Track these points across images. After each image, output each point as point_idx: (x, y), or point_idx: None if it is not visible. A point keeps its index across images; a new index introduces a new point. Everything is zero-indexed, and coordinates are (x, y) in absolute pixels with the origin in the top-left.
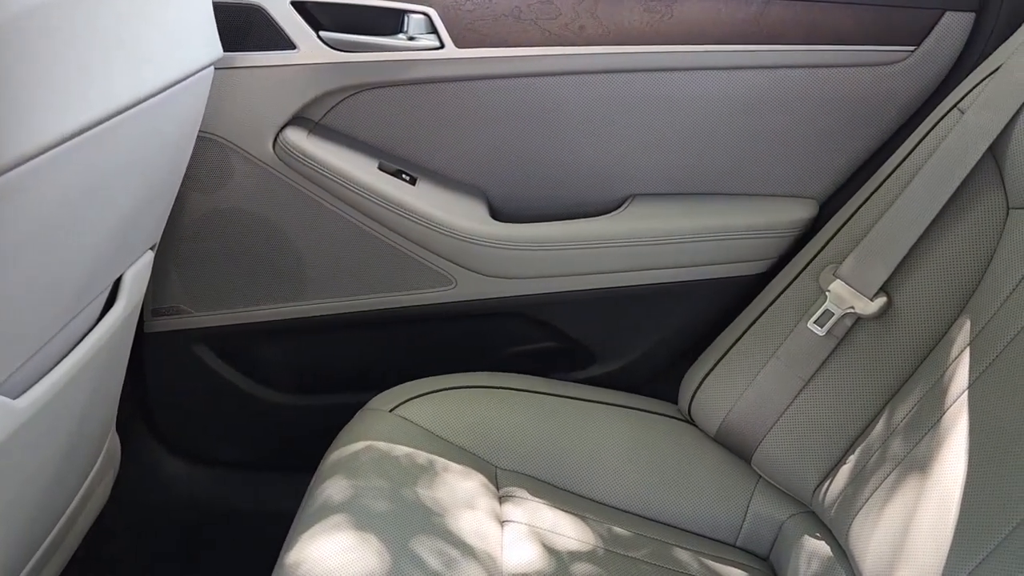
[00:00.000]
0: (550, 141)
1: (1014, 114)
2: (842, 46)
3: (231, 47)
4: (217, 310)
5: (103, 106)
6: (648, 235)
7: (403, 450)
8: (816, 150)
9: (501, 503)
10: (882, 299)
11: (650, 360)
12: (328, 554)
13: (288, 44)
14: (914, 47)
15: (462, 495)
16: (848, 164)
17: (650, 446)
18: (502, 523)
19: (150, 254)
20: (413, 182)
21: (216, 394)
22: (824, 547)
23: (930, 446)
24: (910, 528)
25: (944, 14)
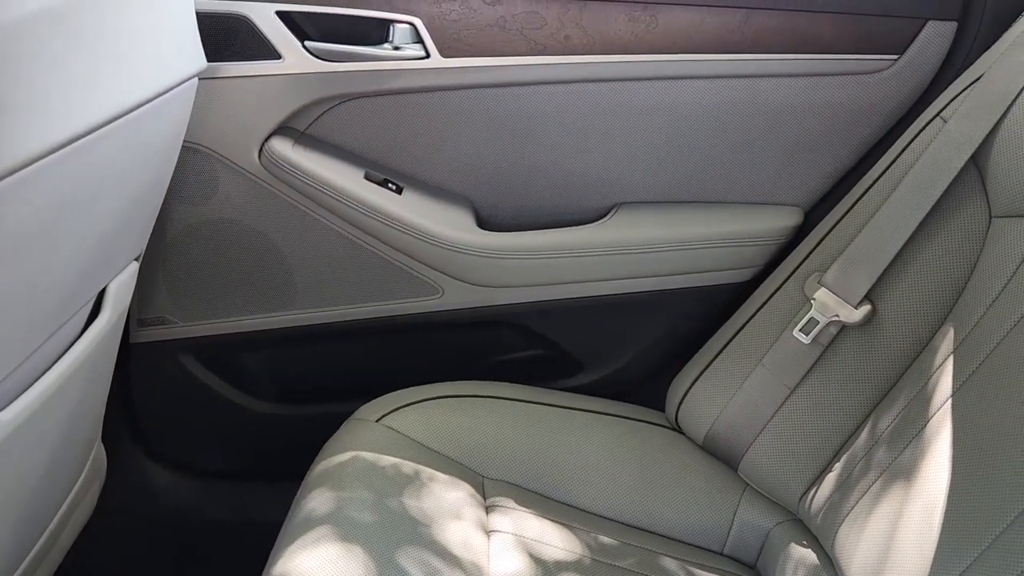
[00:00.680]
0: (536, 150)
1: (996, 123)
2: (825, 55)
3: (216, 57)
4: (203, 320)
5: (86, 119)
6: (634, 244)
7: (389, 460)
8: (800, 158)
9: (488, 513)
10: (866, 307)
11: (637, 368)
12: (314, 566)
13: (273, 54)
14: (897, 56)
15: (448, 505)
16: (832, 172)
17: (637, 454)
18: (488, 533)
19: (135, 264)
20: (399, 191)
21: (202, 404)
22: (811, 555)
23: (914, 454)
24: (895, 536)
25: (926, 23)
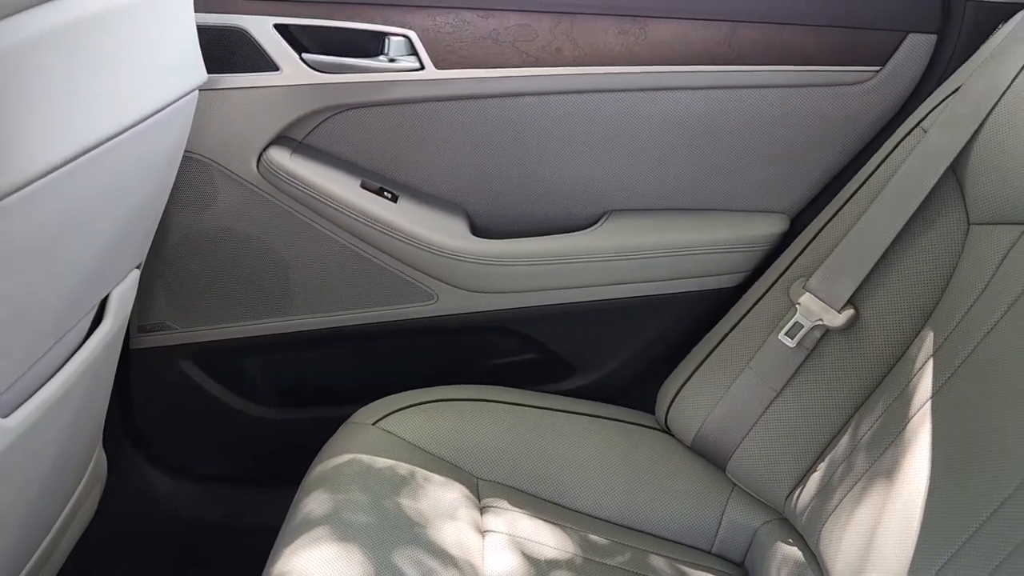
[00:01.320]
0: (529, 159)
1: (974, 133)
2: (809, 67)
3: (215, 69)
4: (202, 326)
5: (89, 135)
6: (624, 250)
7: (385, 463)
8: (786, 167)
9: (482, 514)
10: (850, 311)
11: (627, 372)
12: (312, 566)
13: (271, 66)
14: (879, 68)
15: (444, 506)
16: (817, 180)
17: (627, 455)
18: (483, 533)
19: (136, 272)
20: (395, 200)
21: (201, 409)
22: (796, 552)
23: (894, 455)
24: (876, 534)
25: (907, 36)
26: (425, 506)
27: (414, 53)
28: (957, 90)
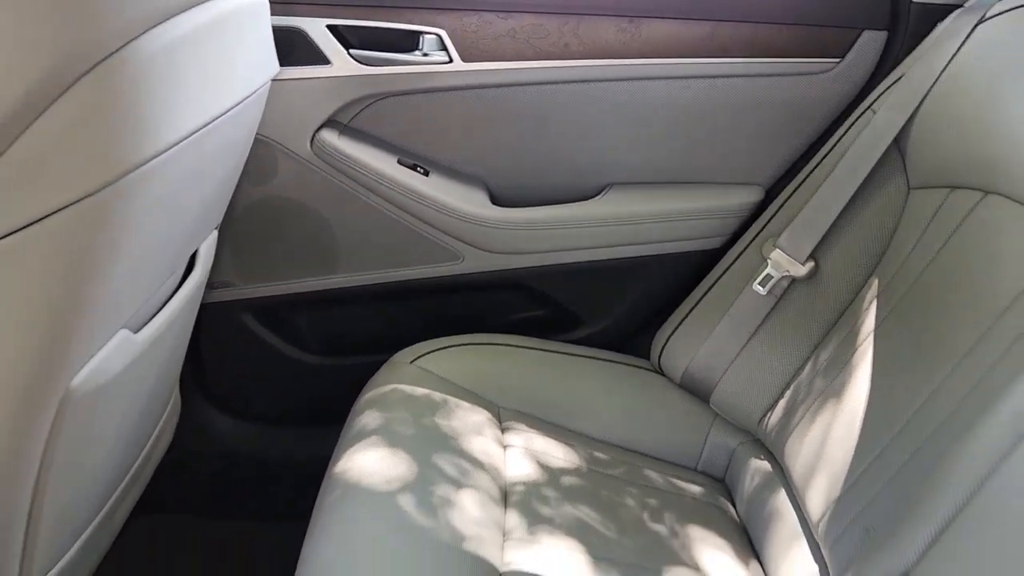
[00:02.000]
0: (540, 139)
1: (913, 112)
2: (779, 59)
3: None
4: (261, 283)
5: (204, 115)
6: (622, 217)
7: (423, 391)
8: (760, 145)
9: (503, 433)
10: (811, 264)
11: (626, 323)
12: (367, 463)
13: (323, 60)
14: (839, 59)
15: (472, 425)
16: (787, 156)
17: (625, 390)
18: (504, 447)
19: (215, 233)
20: (426, 174)
21: (259, 357)
22: (766, 465)
23: (844, 376)
24: (828, 437)
25: (862, 32)
26: (457, 424)
27: (444, 49)
28: (901, 77)
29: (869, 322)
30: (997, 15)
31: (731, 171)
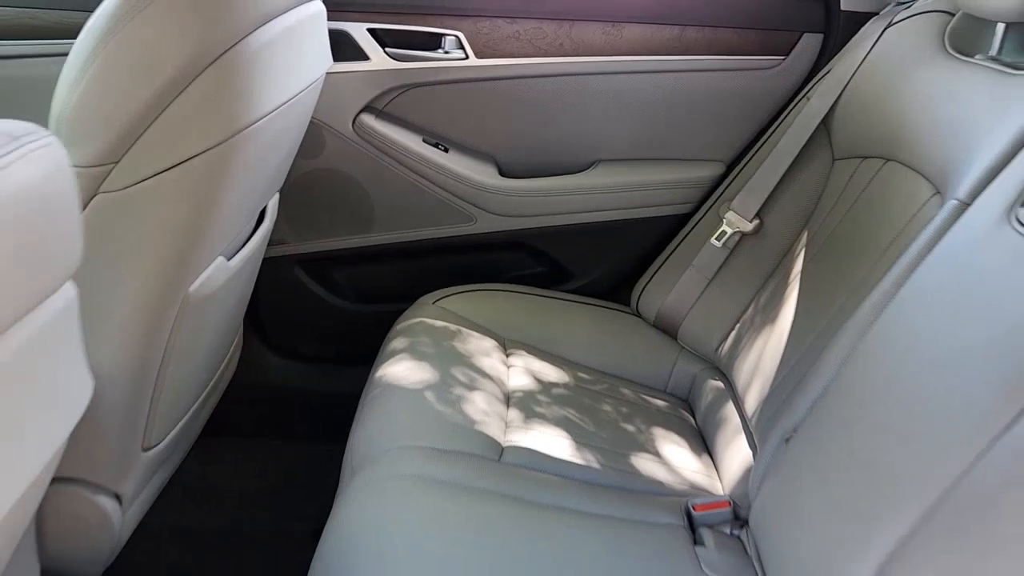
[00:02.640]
0: (540, 122)
1: (837, 98)
2: (735, 56)
3: None
4: (309, 241)
5: (286, 94)
6: (608, 187)
7: (443, 324)
8: (721, 128)
9: (507, 357)
10: (757, 221)
11: (611, 275)
12: (399, 371)
13: (364, 56)
14: (784, 57)
15: (482, 350)
16: (743, 136)
17: (608, 328)
18: (508, 367)
19: (278, 195)
20: (446, 150)
21: (305, 305)
22: (720, 384)
23: (779, 306)
24: (761, 358)
25: (803, 35)
26: (471, 348)
27: (462, 48)
28: (829, 71)
29: (798, 266)
30: (901, 21)
31: (697, 149)
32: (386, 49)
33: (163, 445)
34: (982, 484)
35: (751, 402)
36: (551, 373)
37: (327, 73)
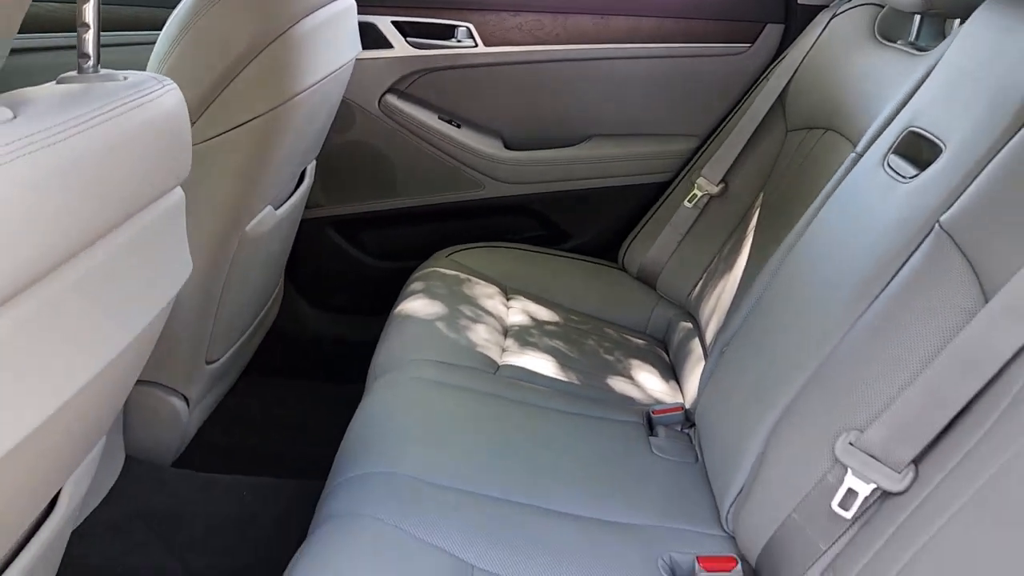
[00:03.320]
0: (540, 102)
1: (790, 78)
2: (707, 43)
3: None
4: (341, 204)
5: (323, 72)
6: (600, 158)
7: (454, 274)
8: (696, 106)
9: (508, 300)
10: (723, 185)
11: (601, 236)
12: (415, 307)
13: (388, 44)
14: (750, 44)
15: (486, 294)
16: (715, 114)
17: (597, 281)
18: (508, 307)
19: (315, 162)
20: (459, 126)
21: (336, 261)
22: (689, 325)
23: (736, 260)
24: (720, 299)
25: (766, 25)
26: (477, 292)
27: (472, 37)
28: (786, 55)
29: (754, 221)
30: (843, 12)
31: (676, 125)
32: (407, 38)
33: (221, 362)
34: (847, 352)
35: (710, 335)
36: (545, 314)
37: (357, 59)
